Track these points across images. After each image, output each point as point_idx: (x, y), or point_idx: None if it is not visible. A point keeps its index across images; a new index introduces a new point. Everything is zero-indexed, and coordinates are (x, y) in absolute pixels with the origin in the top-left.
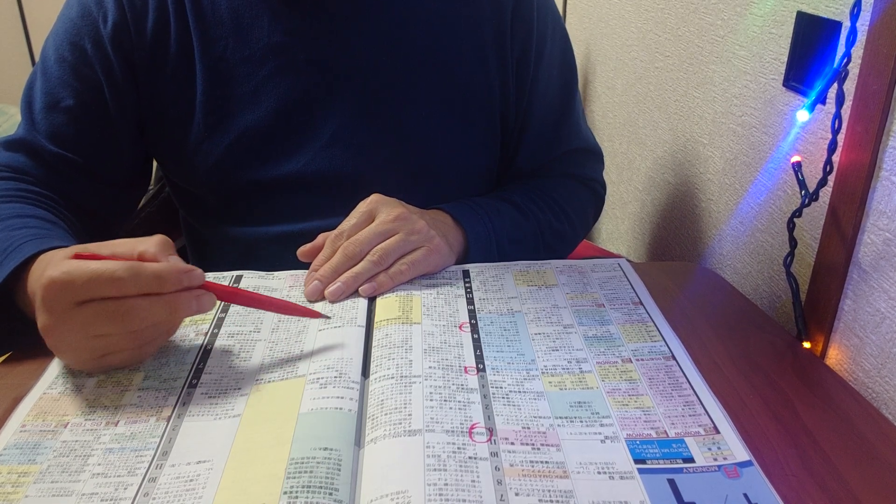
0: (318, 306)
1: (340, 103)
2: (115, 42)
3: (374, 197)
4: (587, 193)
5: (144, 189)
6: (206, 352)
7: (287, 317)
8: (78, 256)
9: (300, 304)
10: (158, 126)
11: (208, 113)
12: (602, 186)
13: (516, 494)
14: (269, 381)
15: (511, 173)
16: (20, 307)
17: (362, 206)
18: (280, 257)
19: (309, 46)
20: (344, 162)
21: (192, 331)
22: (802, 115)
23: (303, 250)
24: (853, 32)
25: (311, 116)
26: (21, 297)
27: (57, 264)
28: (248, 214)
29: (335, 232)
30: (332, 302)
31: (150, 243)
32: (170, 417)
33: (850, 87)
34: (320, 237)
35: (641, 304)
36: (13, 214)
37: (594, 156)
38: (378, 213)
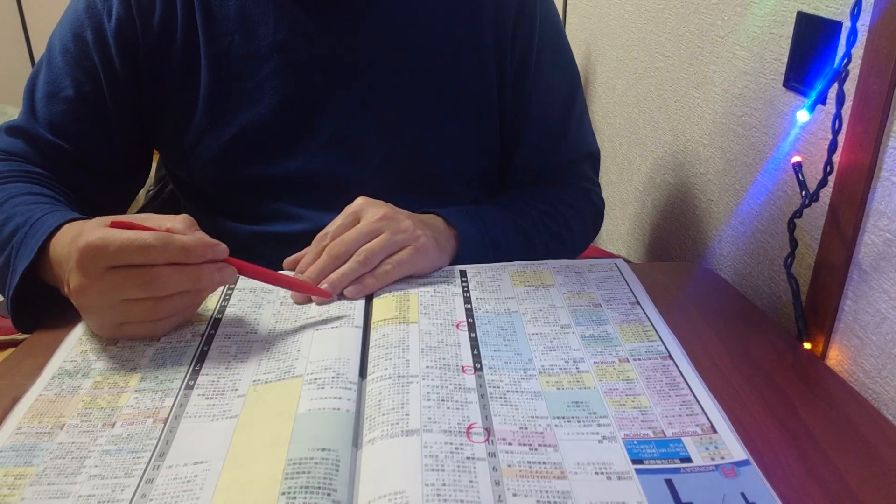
0: (313, 309)
1: (340, 104)
2: (119, 37)
3: (360, 199)
4: (584, 201)
5: (142, 182)
6: (202, 353)
7: (284, 318)
8: (115, 224)
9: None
10: (161, 117)
11: (211, 106)
12: (600, 198)
13: (514, 495)
14: (266, 382)
15: (509, 182)
16: (42, 277)
17: (349, 209)
18: (272, 260)
19: (312, 45)
20: (342, 163)
21: (188, 332)
22: (803, 116)
23: (288, 260)
24: (853, 32)
25: (311, 116)
26: (44, 267)
27: (93, 230)
28: (245, 212)
29: (321, 233)
30: (320, 304)
31: (177, 220)
32: (167, 419)
33: (850, 87)
34: (306, 249)
35: (638, 303)
36: (23, 192)
37: (593, 163)
38: (364, 214)
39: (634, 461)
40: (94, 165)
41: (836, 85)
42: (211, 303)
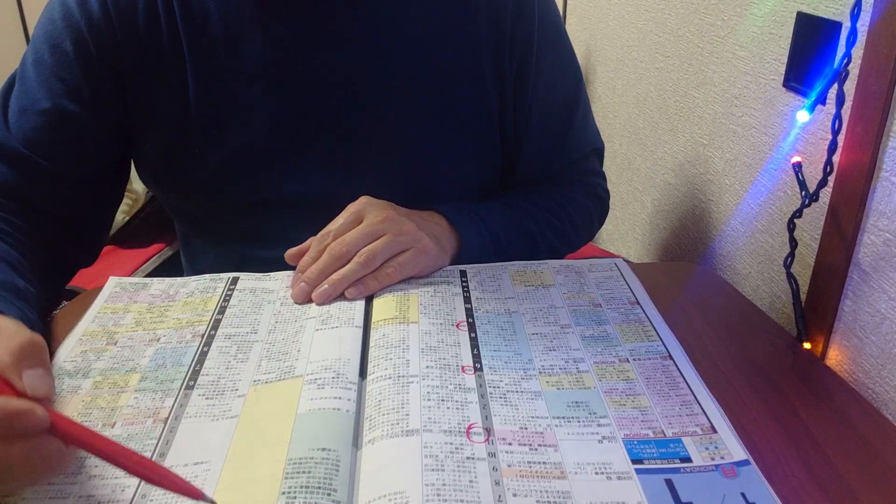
0: (313, 309)
1: (334, 121)
2: (99, 44)
3: (363, 199)
4: (590, 198)
5: (121, 192)
6: (202, 354)
7: (284, 318)
8: None
9: (179, 477)
10: (148, 135)
11: (202, 127)
12: (605, 190)
13: (514, 495)
14: (266, 382)
15: (512, 183)
16: None
17: (351, 208)
18: None
19: (301, 61)
20: (338, 181)
21: (188, 332)
22: (802, 116)
23: (290, 253)
24: (853, 33)
25: (304, 135)
26: None
27: None
28: (240, 233)
29: (322, 231)
30: (320, 304)
31: (9, 350)
32: (167, 419)
33: (850, 87)
34: (308, 241)
35: (638, 303)
36: None
37: (598, 157)
38: (366, 214)
39: (634, 461)
40: (70, 178)
41: (835, 85)
42: (211, 303)
